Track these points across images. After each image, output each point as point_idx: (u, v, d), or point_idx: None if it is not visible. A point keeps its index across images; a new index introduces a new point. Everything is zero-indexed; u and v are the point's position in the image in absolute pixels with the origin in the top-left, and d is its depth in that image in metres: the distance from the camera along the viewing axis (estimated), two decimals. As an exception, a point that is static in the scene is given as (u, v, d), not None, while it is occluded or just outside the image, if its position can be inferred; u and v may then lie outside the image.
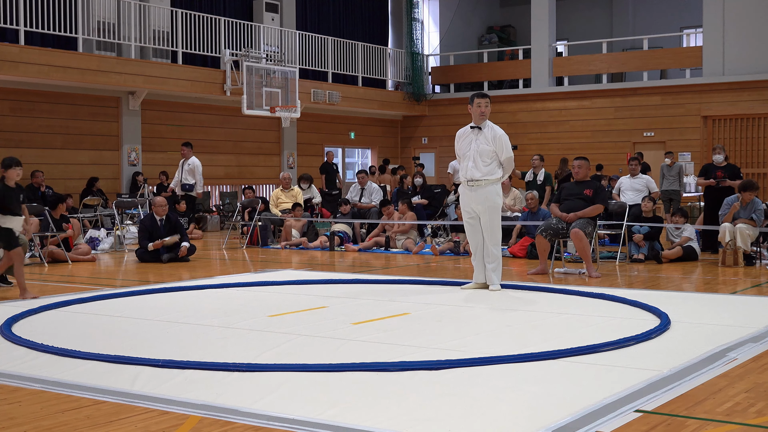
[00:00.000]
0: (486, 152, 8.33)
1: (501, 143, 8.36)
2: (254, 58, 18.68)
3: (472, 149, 8.39)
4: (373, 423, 3.85)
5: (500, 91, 23.41)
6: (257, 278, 9.62)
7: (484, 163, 8.33)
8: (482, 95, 8.50)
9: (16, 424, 3.90)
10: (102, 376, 4.78)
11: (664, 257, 11.13)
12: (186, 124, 19.26)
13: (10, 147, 16.02)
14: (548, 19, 22.63)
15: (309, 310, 7.16)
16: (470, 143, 8.43)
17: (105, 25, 16.71)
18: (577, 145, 21.16)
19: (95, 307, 7.44)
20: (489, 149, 8.33)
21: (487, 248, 8.42)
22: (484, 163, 8.33)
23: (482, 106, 8.41)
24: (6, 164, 8.20)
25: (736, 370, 4.91)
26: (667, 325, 6.20)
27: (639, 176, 13.11)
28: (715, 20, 20.18)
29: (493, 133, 8.41)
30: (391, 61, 24.17)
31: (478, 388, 4.46)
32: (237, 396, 4.33)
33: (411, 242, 13.10)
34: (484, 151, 8.33)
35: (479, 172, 8.33)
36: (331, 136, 22.93)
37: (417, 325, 6.49)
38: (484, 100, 8.45)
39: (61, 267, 11.11)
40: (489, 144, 8.34)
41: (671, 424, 3.86)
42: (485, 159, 8.32)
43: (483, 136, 8.39)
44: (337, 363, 4.96)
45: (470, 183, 8.38)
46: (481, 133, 8.41)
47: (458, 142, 8.62)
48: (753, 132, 19.83)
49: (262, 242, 14.20)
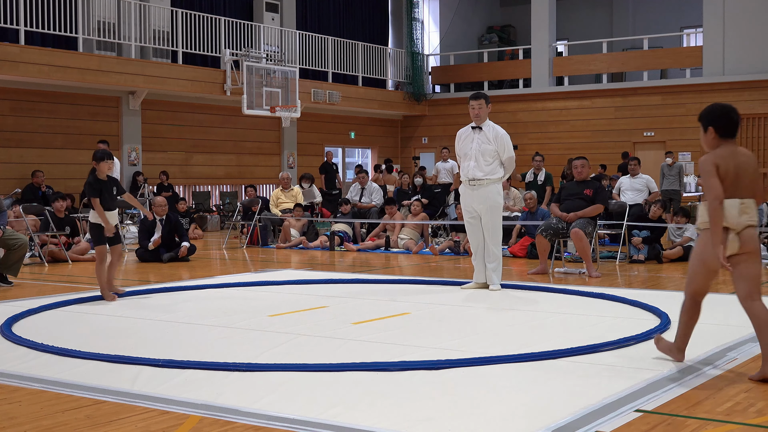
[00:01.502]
0: (488, 151, 8.34)
1: (503, 142, 8.37)
2: (254, 58, 18.68)
3: (473, 149, 8.39)
4: (373, 423, 3.85)
5: (500, 91, 23.41)
6: (257, 278, 9.62)
7: (486, 162, 8.33)
8: (476, 96, 8.47)
9: (17, 424, 3.90)
10: (102, 375, 4.78)
11: (665, 257, 11.13)
12: (186, 124, 19.27)
13: (10, 147, 16.04)
14: (548, 19, 22.62)
15: (309, 310, 7.16)
16: (471, 143, 8.44)
17: (105, 24, 16.71)
18: (578, 145, 21.15)
19: (95, 306, 7.44)
20: (491, 148, 8.35)
21: (488, 248, 8.42)
22: (486, 162, 8.33)
23: (475, 108, 8.41)
24: (98, 157, 7.89)
25: (736, 369, 4.92)
26: (667, 324, 6.20)
27: (639, 176, 13.12)
28: (715, 20, 20.18)
29: (495, 132, 8.42)
30: (392, 61, 24.17)
31: (478, 388, 4.46)
32: (237, 396, 4.33)
33: (411, 242, 13.10)
34: (486, 151, 8.34)
35: (481, 172, 8.33)
36: (331, 136, 22.93)
37: (417, 325, 6.49)
38: (477, 102, 8.43)
39: (61, 267, 11.11)
40: (490, 143, 8.35)
41: (671, 423, 3.86)
42: (487, 158, 8.33)
43: (484, 135, 8.40)
44: (337, 363, 4.96)
45: (472, 182, 8.38)
46: (482, 132, 8.42)
47: (459, 142, 8.62)
48: (753, 132, 19.82)
49: (262, 242, 14.20)
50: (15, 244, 9.05)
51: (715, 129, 4.77)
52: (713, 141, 4.78)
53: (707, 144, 4.83)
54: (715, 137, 4.77)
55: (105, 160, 7.87)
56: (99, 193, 7.81)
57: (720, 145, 4.76)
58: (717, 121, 4.78)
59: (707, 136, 4.81)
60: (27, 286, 9.19)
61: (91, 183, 7.86)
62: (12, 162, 16.04)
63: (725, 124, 4.75)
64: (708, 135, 4.80)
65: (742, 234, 4.67)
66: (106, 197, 7.87)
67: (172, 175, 18.33)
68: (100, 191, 7.82)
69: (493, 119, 8.70)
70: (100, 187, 7.85)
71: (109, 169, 7.93)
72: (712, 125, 4.78)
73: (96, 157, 7.90)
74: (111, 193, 7.94)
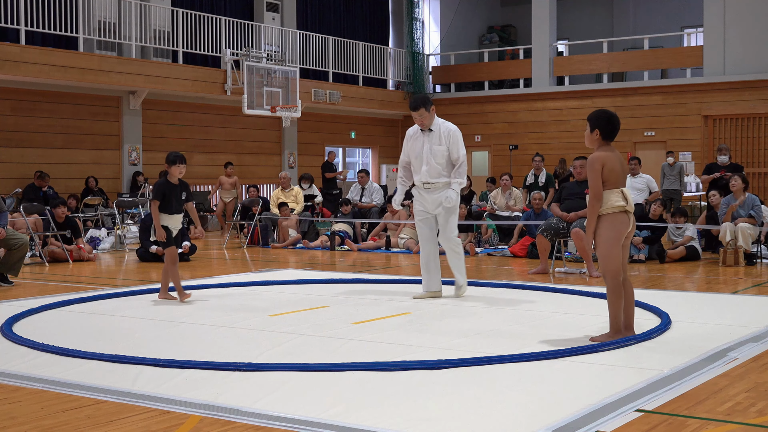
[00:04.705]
0: (439, 152, 7.78)
1: (454, 139, 7.79)
2: (255, 58, 18.67)
3: (424, 151, 7.82)
4: (374, 422, 3.86)
5: (501, 91, 23.39)
6: (258, 278, 9.62)
7: (438, 164, 7.79)
8: (414, 108, 7.79)
9: (17, 424, 3.91)
10: (103, 375, 4.78)
11: (669, 257, 11.11)
12: (187, 124, 19.27)
13: (11, 146, 16.04)
14: (549, 19, 22.61)
15: (310, 310, 7.17)
16: (422, 145, 7.85)
17: (106, 24, 16.71)
18: (578, 144, 21.11)
19: (96, 306, 7.44)
20: (441, 149, 7.78)
21: (449, 240, 7.89)
22: (439, 164, 7.79)
23: (417, 119, 7.82)
24: (170, 160, 7.74)
25: (736, 369, 4.92)
26: (668, 324, 6.20)
27: (640, 176, 13.12)
28: (716, 20, 20.17)
29: (446, 130, 7.84)
30: (392, 61, 24.16)
31: (478, 388, 4.46)
32: (238, 395, 4.34)
33: (412, 242, 13.10)
34: (437, 152, 7.78)
35: (434, 175, 7.79)
36: (331, 136, 22.92)
37: (417, 325, 6.50)
38: (417, 113, 7.77)
39: (61, 266, 11.11)
40: (441, 143, 7.80)
41: (672, 423, 3.86)
42: (439, 160, 7.78)
43: (434, 135, 7.83)
44: (338, 363, 4.97)
45: (426, 185, 7.85)
46: (432, 133, 7.85)
47: (408, 142, 7.99)
48: (754, 132, 19.82)
49: (263, 242, 14.21)
50: (16, 243, 9.06)
51: (601, 132, 5.63)
52: (596, 141, 5.66)
53: (590, 142, 5.70)
54: (599, 139, 5.65)
55: (177, 164, 7.72)
56: (163, 197, 7.68)
57: (602, 146, 5.64)
58: (604, 126, 5.63)
59: (592, 136, 5.67)
60: (28, 285, 9.20)
61: (160, 185, 7.74)
62: (13, 162, 16.04)
63: (610, 130, 5.62)
64: (593, 135, 5.66)
65: (632, 216, 5.63)
66: (172, 201, 7.74)
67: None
68: (164, 194, 7.68)
69: (493, 119, 8.63)
70: (169, 190, 7.71)
71: (180, 173, 7.76)
72: (599, 128, 5.63)
73: (168, 160, 7.75)
74: (179, 198, 7.80)
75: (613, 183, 5.57)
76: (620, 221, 5.55)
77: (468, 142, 23.86)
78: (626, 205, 5.57)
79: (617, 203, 5.54)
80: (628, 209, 5.58)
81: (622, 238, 5.57)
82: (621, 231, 5.56)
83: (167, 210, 7.74)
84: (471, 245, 12.71)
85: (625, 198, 5.58)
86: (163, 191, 7.70)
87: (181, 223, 7.95)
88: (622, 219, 5.56)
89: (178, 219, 7.86)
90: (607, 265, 5.55)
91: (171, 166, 7.74)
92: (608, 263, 5.55)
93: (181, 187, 7.83)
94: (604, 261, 5.57)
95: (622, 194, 5.58)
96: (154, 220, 7.72)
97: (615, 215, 5.56)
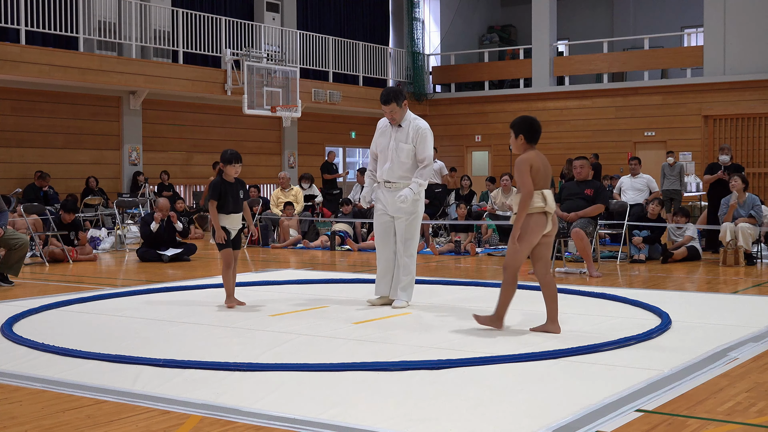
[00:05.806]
0: (404, 150, 7.27)
1: (422, 138, 7.27)
2: (255, 58, 18.68)
3: (390, 147, 7.34)
4: (374, 423, 3.86)
5: (501, 91, 23.40)
6: (258, 278, 9.62)
7: (402, 162, 7.28)
8: (385, 102, 7.29)
9: (17, 424, 3.91)
10: (103, 375, 4.78)
11: (672, 258, 11.08)
12: (187, 124, 19.27)
13: (11, 146, 16.05)
14: (549, 19, 22.62)
15: (310, 310, 7.17)
16: (389, 140, 7.37)
17: (106, 24, 16.72)
18: (578, 144, 21.14)
19: (96, 306, 7.44)
20: (407, 147, 7.28)
21: (401, 260, 7.36)
22: (403, 162, 7.28)
23: (387, 113, 7.33)
24: (226, 159, 7.48)
25: (736, 369, 4.92)
26: (668, 324, 6.20)
27: (640, 176, 13.12)
28: (716, 20, 20.18)
29: (415, 126, 7.32)
30: (392, 61, 24.16)
31: (478, 388, 4.46)
32: (238, 395, 4.34)
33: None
34: (402, 150, 7.27)
35: (397, 173, 7.31)
36: (332, 136, 22.93)
37: (417, 325, 6.50)
38: (388, 107, 7.28)
39: (61, 266, 11.11)
40: (408, 141, 7.29)
41: (672, 423, 3.86)
42: (403, 159, 7.27)
43: (403, 132, 7.33)
44: (338, 363, 4.97)
45: (387, 184, 7.37)
46: (401, 129, 7.35)
47: (377, 136, 7.52)
48: (754, 131, 19.82)
49: (263, 242, 14.21)
50: (16, 243, 9.06)
51: (525, 137, 5.98)
52: (522, 146, 6.01)
53: (516, 148, 6.04)
54: (524, 143, 5.99)
55: (233, 163, 7.49)
56: (220, 196, 7.44)
57: (527, 150, 5.97)
58: (527, 131, 5.98)
59: (517, 141, 6.02)
60: (28, 285, 9.20)
61: (215, 184, 7.49)
62: (13, 162, 16.05)
63: (533, 134, 5.96)
64: (518, 140, 6.01)
65: (553, 217, 5.95)
66: (230, 200, 7.49)
67: (172, 174, 18.34)
68: (221, 194, 7.44)
69: (493, 119, 8.59)
70: (226, 189, 7.46)
71: (236, 172, 7.53)
72: (522, 133, 5.99)
73: (224, 158, 7.53)
74: (237, 196, 7.54)
75: (537, 184, 5.88)
76: (536, 222, 5.88)
77: (468, 142, 23.94)
78: (545, 206, 5.87)
79: (536, 204, 5.86)
80: (547, 210, 5.90)
81: (537, 237, 5.92)
82: (536, 231, 5.90)
83: (224, 210, 7.47)
84: (471, 245, 12.71)
85: (544, 199, 5.88)
86: (219, 190, 7.44)
87: (240, 223, 7.64)
88: (539, 220, 5.89)
89: (237, 219, 7.58)
90: (509, 260, 5.95)
91: (227, 165, 7.49)
92: (512, 259, 5.93)
93: (238, 186, 7.58)
94: (509, 256, 5.96)
95: (542, 196, 5.88)
96: (213, 221, 7.46)
97: (532, 216, 5.88)
